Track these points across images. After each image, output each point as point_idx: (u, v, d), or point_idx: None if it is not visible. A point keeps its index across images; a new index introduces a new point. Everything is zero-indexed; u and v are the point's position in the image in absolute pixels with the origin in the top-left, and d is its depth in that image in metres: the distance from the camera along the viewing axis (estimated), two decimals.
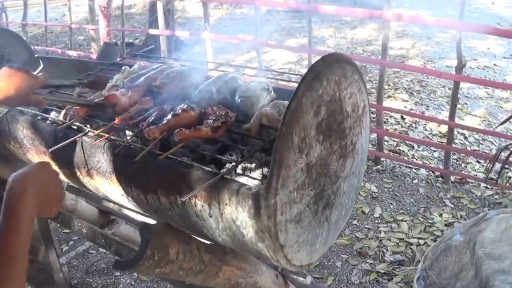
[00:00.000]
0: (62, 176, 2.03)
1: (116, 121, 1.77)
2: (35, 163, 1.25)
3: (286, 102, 1.84)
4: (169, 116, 1.65)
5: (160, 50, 6.41)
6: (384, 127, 5.27)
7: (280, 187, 1.30)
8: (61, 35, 11.03)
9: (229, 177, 1.46)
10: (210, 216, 1.44)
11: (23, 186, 1.11)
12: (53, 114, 2.05)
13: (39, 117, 1.98)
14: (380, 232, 3.96)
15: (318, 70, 1.40)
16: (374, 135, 4.95)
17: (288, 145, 1.30)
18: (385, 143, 5.21)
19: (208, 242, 1.81)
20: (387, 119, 5.83)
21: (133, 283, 3.55)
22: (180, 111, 1.65)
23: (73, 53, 8.02)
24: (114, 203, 2.62)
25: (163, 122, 1.64)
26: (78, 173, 1.84)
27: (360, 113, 1.64)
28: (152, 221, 2.20)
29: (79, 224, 2.42)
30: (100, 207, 3.11)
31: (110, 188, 1.76)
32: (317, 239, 1.56)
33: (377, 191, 4.53)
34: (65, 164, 1.85)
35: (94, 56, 6.94)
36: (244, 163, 1.57)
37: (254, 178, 1.49)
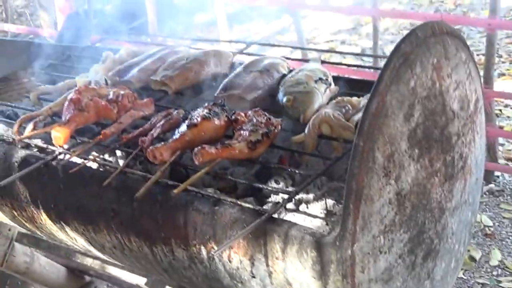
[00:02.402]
0: (14, 222, 2.04)
1: (102, 136, 1.79)
2: None
3: (355, 99, 1.86)
4: (183, 128, 1.67)
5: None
6: (497, 123, 5.22)
7: (360, 230, 1.32)
8: None
9: (278, 216, 1.49)
10: (253, 277, 1.47)
11: None
12: (0, 128, 2.08)
13: None
14: None
15: (407, 50, 1.41)
16: None
17: (368, 166, 1.32)
18: (500, 148, 5.16)
19: None
20: (500, 110, 5.77)
21: None
22: (199, 119, 1.67)
23: (10, 28, 7.75)
24: (97, 258, 2.64)
25: (174, 137, 1.66)
26: (43, 217, 1.88)
27: (472, 110, 1.65)
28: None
29: None
30: (69, 265, 3.16)
31: (94, 238, 1.80)
32: None
33: (492, 224, 4.50)
34: (22, 203, 1.90)
35: (45, 33, 6.80)
36: (299, 194, 1.59)
37: (315, 216, 1.51)
